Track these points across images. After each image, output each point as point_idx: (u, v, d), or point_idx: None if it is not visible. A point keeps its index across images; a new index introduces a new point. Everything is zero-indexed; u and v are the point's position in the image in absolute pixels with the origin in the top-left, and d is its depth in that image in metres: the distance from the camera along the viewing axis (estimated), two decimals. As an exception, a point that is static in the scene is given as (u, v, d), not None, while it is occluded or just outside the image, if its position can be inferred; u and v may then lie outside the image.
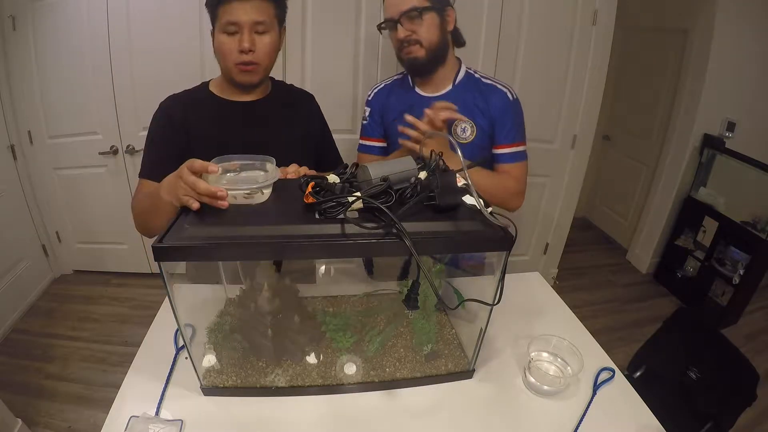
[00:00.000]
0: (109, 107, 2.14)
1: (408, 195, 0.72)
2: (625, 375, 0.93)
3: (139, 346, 0.93)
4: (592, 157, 2.49)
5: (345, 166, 0.80)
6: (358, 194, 0.68)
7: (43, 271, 2.50)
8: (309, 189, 0.70)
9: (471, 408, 0.83)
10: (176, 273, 0.71)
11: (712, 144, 2.52)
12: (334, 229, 0.67)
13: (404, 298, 0.94)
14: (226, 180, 0.75)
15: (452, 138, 1.11)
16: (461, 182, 0.78)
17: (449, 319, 1.01)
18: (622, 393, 0.88)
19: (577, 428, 0.79)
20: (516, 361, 0.94)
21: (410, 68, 1.19)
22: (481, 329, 0.83)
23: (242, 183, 0.75)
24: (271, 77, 1.13)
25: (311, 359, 0.88)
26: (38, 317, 2.27)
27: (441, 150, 0.82)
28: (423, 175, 0.75)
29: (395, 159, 0.78)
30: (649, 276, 2.94)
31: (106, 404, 0.78)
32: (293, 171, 0.92)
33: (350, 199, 0.67)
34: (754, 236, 2.28)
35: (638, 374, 1.28)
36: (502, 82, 1.21)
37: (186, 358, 0.85)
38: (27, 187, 2.33)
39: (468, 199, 0.76)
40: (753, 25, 2.36)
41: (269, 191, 0.76)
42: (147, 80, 2.05)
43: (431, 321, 0.92)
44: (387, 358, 0.90)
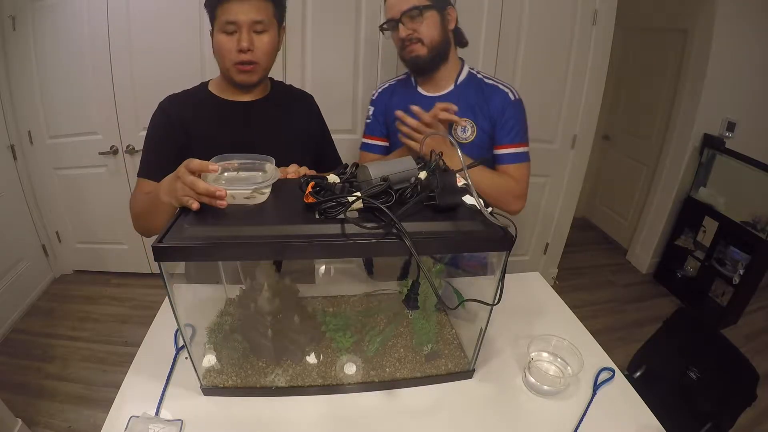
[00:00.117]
0: (109, 107, 2.14)
1: (408, 195, 0.72)
2: (625, 375, 0.93)
3: (139, 346, 0.93)
4: (592, 157, 2.49)
5: (345, 166, 0.80)
6: (358, 194, 0.68)
7: (43, 271, 2.50)
8: (309, 189, 0.70)
9: (471, 408, 0.83)
10: (176, 273, 0.71)
11: (712, 144, 2.52)
12: (334, 229, 0.67)
13: (404, 298, 0.94)
14: (225, 180, 0.75)
15: (452, 138, 1.11)
16: (461, 182, 0.78)
17: (449, 319, 1.01)
18: (622, 393, 0.88)
19: (577, 428, 0.79)
20: (516, 361, 0.94)
21: (412, 67, 1.19)
22: (481, 329, 0.83)
23: (241, 183, 0.75)
24: (271, 77, 1.13)
25: (311, 359, 0.88)
26: (38, 317, 2.27)
27: (442, 150, 0.81)
28: (423, 175, 0.75)
29: (395, 159, 0.78)
30: (649, 276, 2.94)
31: (106, 404, 0.78)
32: (293, 171, 0.92)
33: (350, 199, 0.67)
34: (754, 236, 2.27)
35: (638, 374, 1.27)
36: (505, 83, 1.20)
37: (186, 358, 0.85)
38: (27, 187, 2.33)
39: (468, 199, 0.76)
40: (753, 25, 2.36)
41: (268, 191, 0.76)
42: (147, 80, 2.04)
43: (431, 321, 0.92)
44: (387, 358, 0.90)
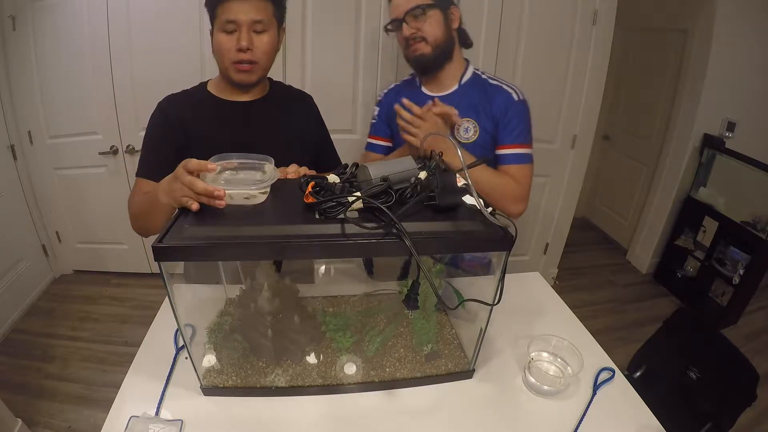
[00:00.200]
0: (109, 107, 2.14)
1: (408, 195, 0.72)
2: (625, 375, 0.93)
3: (139, 346, 0.93)
4: (592, 157, 2.49)
5: (345, 166, 0.80)
6: (358, 194, 0.68)
7: (43, 271, 2.50)
8: (309, 189, 0.70)
9: (471, 408, 0.83)
10: (176, 273, 0.71)
11: (712, 144, 2.52)
12: (334, 229, 0.67)
13: (404, 298, 0.94)
14: (224, 180, 0.75)
15: (453, 138, 1.11)
16: (461, 182, 0.78)
17: (449, 319, 1.01)
18: (622, 393, 0.88)
19: (577, 428, 0.79)
20: (516, 361, 0.94)
21: (417, 66, 1.19)
22: (481, 329, 0.83)
23: (240, 183, 0.75)
24: (270, 78, 1.13)
25: (311, 359, 0.88)
26: (38, 317, 2.27)
27: (443, 149, 0.81)
28: (423, 175, 0.74)
29: (395, 159, 0.78)
30: (649, 276, 2.94)
31: (106, 404, 0.78)
32: (293, 171, 0.92)
33: (350, 199, 0.67)
34: (754, 236, 2.27)
35: (638, 374, 1.27)
36: (510, 83, 1.19)
37: (186, 358, 0.85)
38: (27, 187, 2.33)
39: (468, 199, 0.76)
40: (753, 25, 2.36)
41: (267, 192, 0.76)
42: (147, 80, 2.04)
43: (431, 321, 0.92)
44: (387, 358, 0.90)
